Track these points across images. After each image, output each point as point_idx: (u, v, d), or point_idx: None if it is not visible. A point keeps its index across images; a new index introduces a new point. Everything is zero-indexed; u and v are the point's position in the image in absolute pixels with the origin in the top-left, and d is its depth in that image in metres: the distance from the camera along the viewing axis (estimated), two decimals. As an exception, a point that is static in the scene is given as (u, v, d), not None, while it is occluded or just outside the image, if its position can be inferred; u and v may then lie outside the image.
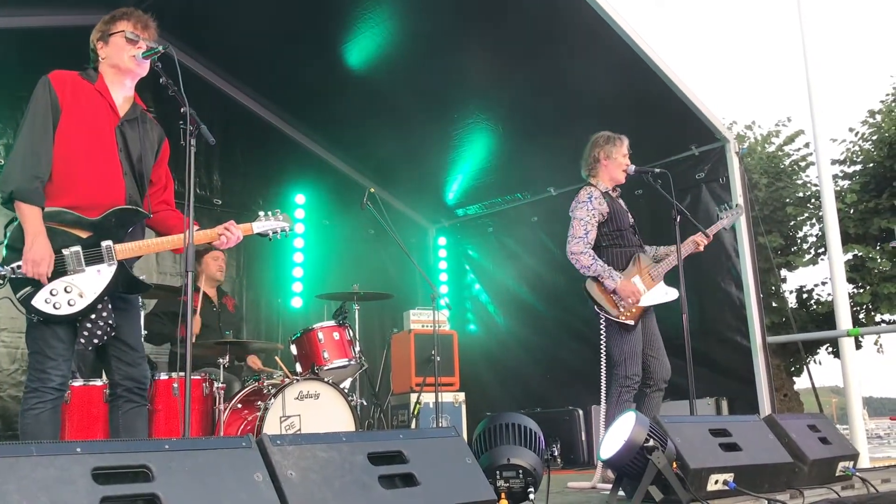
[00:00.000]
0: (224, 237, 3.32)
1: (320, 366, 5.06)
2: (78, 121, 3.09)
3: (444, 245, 8.69)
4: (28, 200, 2.95)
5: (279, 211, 3.57)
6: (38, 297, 2.93)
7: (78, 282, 2.99)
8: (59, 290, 2.95)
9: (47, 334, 2.98)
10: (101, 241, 3.06)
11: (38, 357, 2.99)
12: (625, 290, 4.31)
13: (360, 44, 6.24)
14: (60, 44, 3.88)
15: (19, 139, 3.04)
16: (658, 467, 2.91)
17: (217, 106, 6.95)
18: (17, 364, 5.56)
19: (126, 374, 3.18)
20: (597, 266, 4.36)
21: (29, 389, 2.98)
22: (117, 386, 3.19)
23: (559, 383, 7.10)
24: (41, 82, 3.09)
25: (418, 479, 2.28)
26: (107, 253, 3.06)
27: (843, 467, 3.77)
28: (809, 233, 12.75)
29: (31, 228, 2.92)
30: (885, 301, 11.25)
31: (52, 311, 2.94)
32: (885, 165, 11.51)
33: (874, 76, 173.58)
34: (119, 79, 3.24)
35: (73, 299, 2.98)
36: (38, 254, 2.90)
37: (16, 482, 1.67)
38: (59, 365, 2.99)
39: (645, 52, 5.56)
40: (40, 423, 2.94)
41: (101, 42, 3.25)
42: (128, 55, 3.20)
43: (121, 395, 3.19)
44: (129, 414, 3.19)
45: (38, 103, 3.05)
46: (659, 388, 4.46)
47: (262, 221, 3.52)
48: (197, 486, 1.90)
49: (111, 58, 3.22)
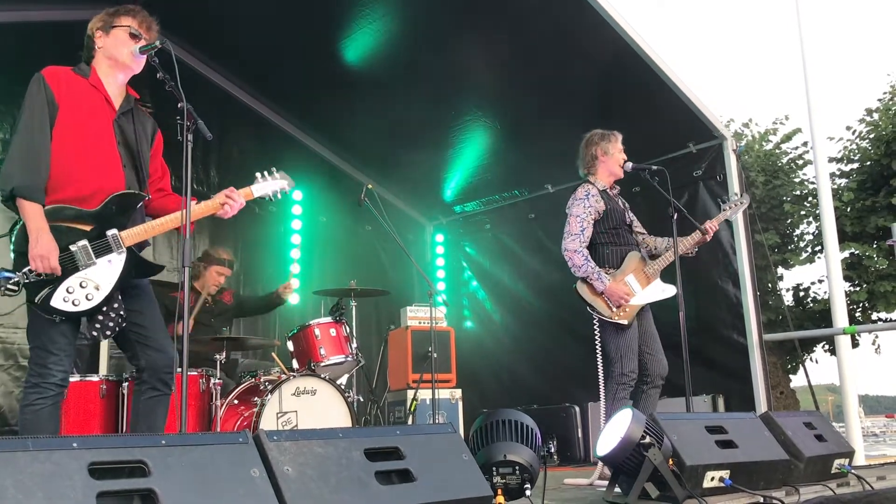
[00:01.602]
0: (227, 206, 3.32)
1: (317, 362, 5.07)
2: (75, 116, 3.09)
3: (442, 242, 8.70)
4: (30, 197, 2.94)
5: (275, 169, 3.53)
6: (55, 297, 2.91)
7: (92, 275, 2.99)
8: (74, 286, 2.94)
9: (50, 329, 2.96)
10: (105, 230, 3.05)
11: (40, 352, 2.97)
12: (613, 292, 4.31)
13: (358, 40, 6.22)
14: (58, 39, 3.87)
15: (17, 136, 3.02)
16: (654, 464, 2.91)
17: (214, 101, 6.92)
18: (11, 360, 5.54)
19: (151, 360, 3.16)
20: (587, 267, 4.36)
21: (30, 385, 2.96)
22: (143, 371, 3.18)
23: (556, 380, 7.12)
24: (35, 79, 3.07)
25: (415, 475, 2.28)
26: (114, 242, 3.06)
27: (838, 465, 3.77)
28: (806, 231, 12.77)
29: (34, 225, 2.91)
30: (882, 299, 11.26)
31: (72, 308, 2.93)
32: (882, 164, 11.51)
33: (872, 74, 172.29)
34: (113, 72, 3.23)
35: (91, 293, 2.97)
36: (44, 248, 2.88)
37: (12, 477, 1.67)
38: (61, 360, 2.98)
39: (643, 50, 5.56)
40: (40, 419, 2.92)
41: (102, 32, 3.24)
42: (127, 50, 3.20)
43: (145, 381, 3.18)
44: (151, 401, 3.17)
45: (34, 100, 3.04)
46: (655, 385, 4.46)
47: (260, 183, 3.50)
48: (194, 481, 1.90)
49: (109, 49, 3.22)
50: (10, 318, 5.49)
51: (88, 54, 3.27)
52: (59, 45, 3.47)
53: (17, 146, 3.01)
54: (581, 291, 4.42)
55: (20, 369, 5.51)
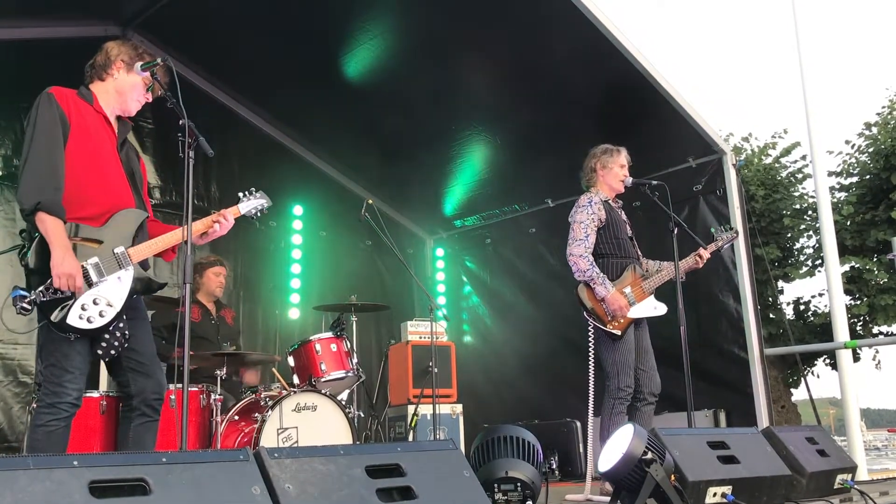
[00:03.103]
0: (218, 224, 3.35)
1: (318, 377, 5.05)
2: (85, 136, 3.10)
3: (442, 256, 8.69)
4: (53, 212, 2.93)
5: (254, 189, 3.59)
6: (71, 314, 2.90)
7: (104, 292, 2.99)
8: (88, 303, 2.95)
9: (66, 347, 2.95)
10: (113, 248, 3.05)
11: (56, 370, 2.95)
12: (613, 302, 4.33)
13: (358, 55, 6.25)
14: (60, 56, 3.89)
15: (32, 152, 2.99)
16: (656, 480, 2.90)
17: (215, 117, 6.94)
18: (11, 376, 5.53)
19: (142, 386, 3.15)
20: (592, 272, 4.38)
21: (44, 404, 2.93)
22: (133, 398, 3.17)
23: (557, 395, 7.09)
24: (44, 96, 3.07)
25: (416, 493, 2.27)
26: (122, 259, 3.06)
27: (841, 480, 3.76)
28: (806, 244, 12.76)
29: (58, 241, 2.89)
30: (882, 312, 11.25)
31: (87, 325, 2.93)
32: (881, 177, 11.53)
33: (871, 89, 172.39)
34: (113, 105, 3.26)
35: (104, 310, 2.98)
36: (71, 266, 2.87)
37: (12, 496, 1.67)
38: (77, 378, 2.97)
39: (643, 65, 5.58)
40: (52, 440, 2.89)
41: (125, 65, 3.25)
42: (139, 98, 3.26)
43: (136, 408, 3.17)
44: (140, 428, 3.17)
45: (45, 116, 3.03)
46: (648, 402, 4.46)
47: (245, 202, 3.54)
48: (194, 499, 1.89)
49: (123, 85, 3.25)
50: (10, 333, 5.47)
51: (98, 74, 3.26)
52: (61, 62, 3.49)
53: (37, 161, 2.98)
54: (581, 295, 4.44)
55: (20, 385, 5.50)
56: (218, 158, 6.66)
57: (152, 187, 6.58)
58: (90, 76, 3.28)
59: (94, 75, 3.27)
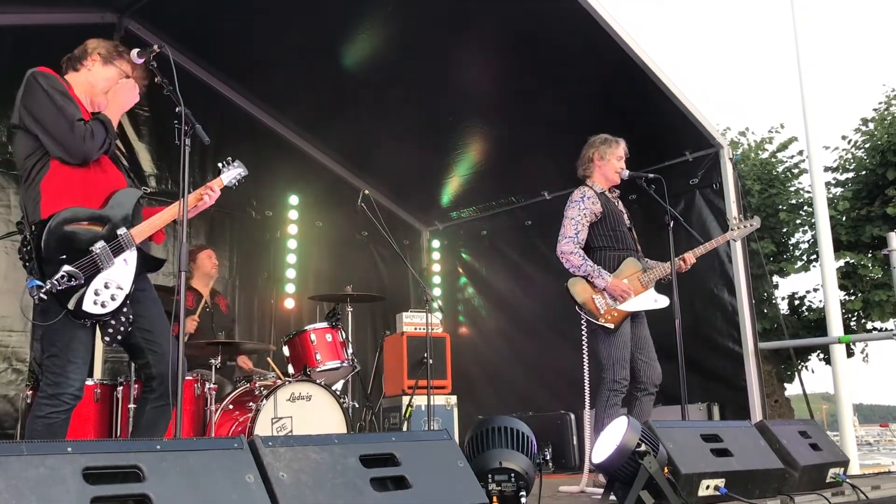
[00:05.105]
0: (206, 195, 3.33)
1: (312, 367, 5.05)
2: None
3: (438, 248, 8.69)
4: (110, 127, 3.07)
5: (231, 158, 3.62)
6: (86, 300, 2.89)
7: (113, 276, 2.98)
8: (100, 288, 2.94)
9: (70, 336, 2.93)
10: (115, 230, 3.04)
11: (58, 360, 2.92)
12: (615, 287, 4.29)
13: (356, 46, 6.24)
14: (56, 42, 3.85)
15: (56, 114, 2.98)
16: (650, 472, 2.91)
17: (211, 105, 6.91)
18: (6, 363, 5.52)
19: (161, 370, 3.11)
20: (586, 266, 4.34)
21: (45, 395, 2.90)
22: (154, 380, 3.15)
23: (551, 387, 7.09)
24: (43, 74, 3.05)
25: (410, 482, 2.27)
26: (126, 241, 3.05)
27: (833, 474, 3.78)
28: (802, 239, 12.80)
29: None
30: (877, 308, 11.30)
31: (101, 310, 2.92)
32: (877, 173, 11.56)
33: (867, 84, 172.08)
34: (83, 96, 3.23)
35: (115, 293, 2.97)
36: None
37: (5, 481, 1.67)
38: (80, 368, 2.95)
39: (640, 58, 5.57)
40: (51, 432, 2.87)
41: (101, 58, 3.25)
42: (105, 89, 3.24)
43: (155, 390, 3.14)
44: (156, 411, 3.15)
45: (55, 86, 3.03)
46: (649, 392, 4.44)
47: (226, 172, 3.53)
48: (188, 486, 1.89)
49: (96, 77, 3.24)
50: (5, 321, 5.47)
51: (73, 65, 3.26)
52: (56, 48, 3.46)
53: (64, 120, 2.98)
54: (572, 291, 4.39)
55: (15, 372, 5.50)
56: (213, 147, 6.69)
57: (147, 175, 6.57)
58: (65, 67, 3.27)
59: (69, 66, 3.26)
